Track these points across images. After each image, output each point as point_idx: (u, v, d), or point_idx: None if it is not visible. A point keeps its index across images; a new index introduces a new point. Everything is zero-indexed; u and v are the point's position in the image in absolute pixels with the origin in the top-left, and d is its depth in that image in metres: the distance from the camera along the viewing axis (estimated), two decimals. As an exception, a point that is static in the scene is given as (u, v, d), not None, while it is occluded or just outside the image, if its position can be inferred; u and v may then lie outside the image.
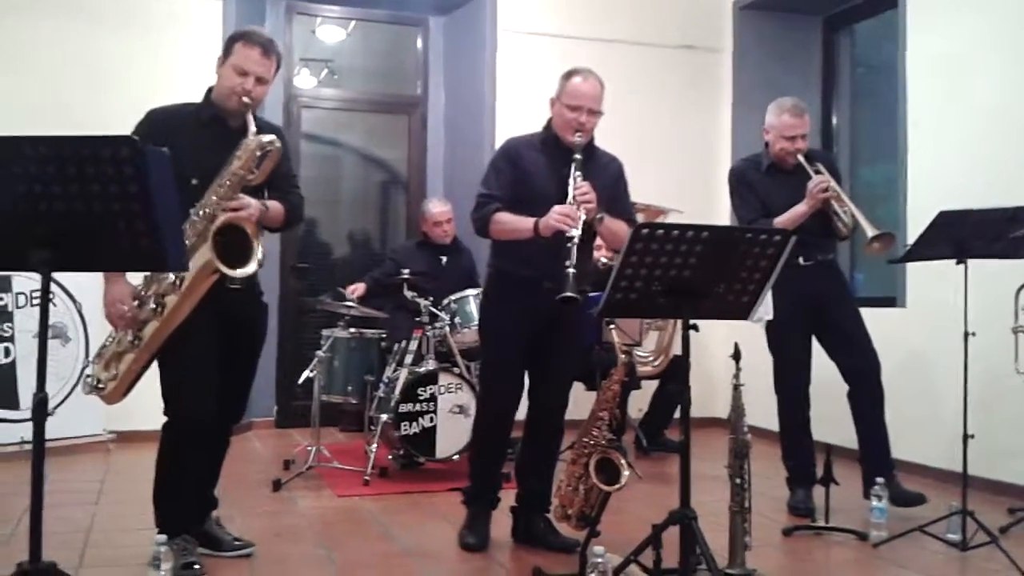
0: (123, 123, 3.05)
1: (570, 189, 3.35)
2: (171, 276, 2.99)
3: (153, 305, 3.03)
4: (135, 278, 3.11)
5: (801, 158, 4.21)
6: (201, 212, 3.00)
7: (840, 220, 4.17)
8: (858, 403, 4.25)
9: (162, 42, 6.00)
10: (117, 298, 3.06)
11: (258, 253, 3.01)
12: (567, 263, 3.20)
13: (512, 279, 3.56)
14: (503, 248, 3.59)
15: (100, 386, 3.15)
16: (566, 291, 3.18)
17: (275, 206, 3.22)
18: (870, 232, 4.03)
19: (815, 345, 4.32)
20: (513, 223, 3.45)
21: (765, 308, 4.06)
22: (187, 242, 2.94)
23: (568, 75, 3.58)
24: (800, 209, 4.12)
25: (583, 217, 3.30)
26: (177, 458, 3.22)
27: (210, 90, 3.26)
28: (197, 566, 3.11)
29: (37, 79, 5.68)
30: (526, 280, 3.49)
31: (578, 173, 3.38)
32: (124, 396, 3.17)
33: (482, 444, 3.75)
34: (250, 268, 3.02)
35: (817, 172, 4.17)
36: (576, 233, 3.26)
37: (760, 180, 4.32)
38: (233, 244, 3.00)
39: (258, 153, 3.04)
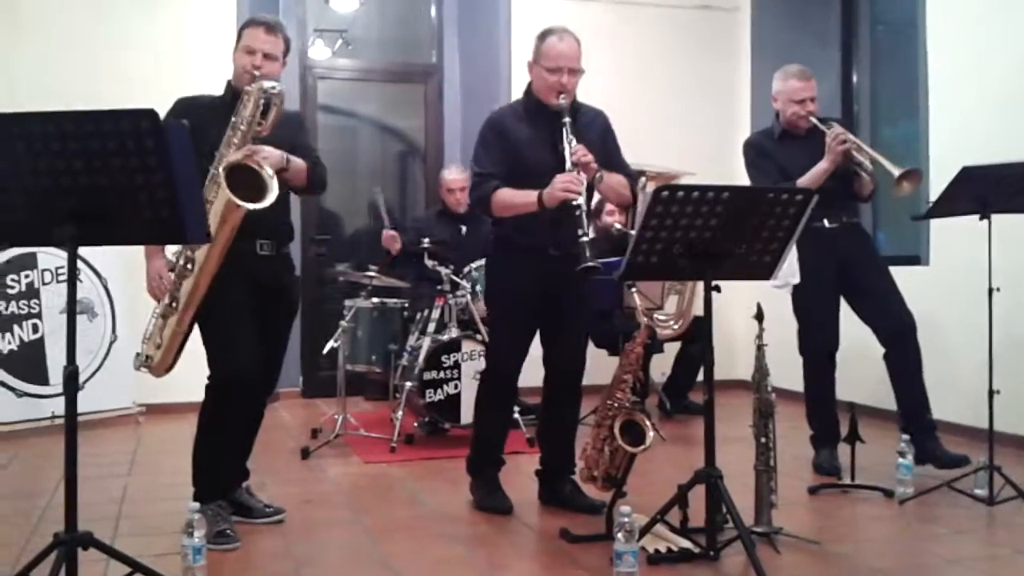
0: (145, 98, 3.08)
1: (566, 154, 3.32)
2: None
3: (184, 262, 3.12)
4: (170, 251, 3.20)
5: (814, 119, 4.17)
6: (218, 167, 3.06)
7: (863, 170, 4.09)
8: (896, 365, 4.22)
9: (180, 18, 6.01)
10: (158, 271, 3.16)
11: (272, 185, 3.04)
12: (580, 232, 3.19)
13: (516, 246, 3.55)
14: (505, 220, 3.55)
15: (148, 360, 3.23)
16: (584, 261, 3.17)
17: (298, 162, 3.28)
18: (896, 172, 3.94)
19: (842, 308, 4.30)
20: (516, 199, 3.42)
21: (791, 272, 4.07)
22: (211, 198, 3.03)
23: (543, 36, 3.50)
24: (822, 166, 4.08)
25: (584, 181, 3.29)
26: (220, 420, 3.28)
27: (229, 82, 3.36)
28: (230, 533, 3.17)
29: (60, 58, 5.71)
30: (530, 247, 3.49)
31: (571, 137, 3.34)
32: (171, 367, 3.25)
33: (489, 412, 3.74)
34: (267, 200, 3.04)
35: (829, 127, 4.11)
36: (582, 200, 3.27)
37: (775, 149, 4.28)
38: (250, 185, 3.03)
39: (262, 100, 3.11)
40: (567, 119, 3.37)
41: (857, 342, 4.32)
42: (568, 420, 3.75)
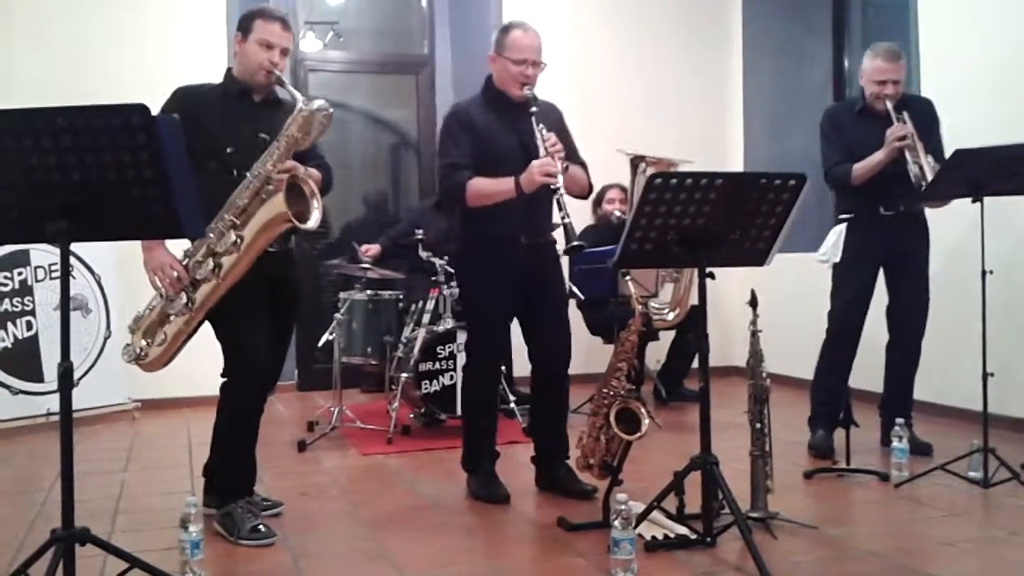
0: (137, 95, 3.07)
1: (539, 142, 3.37)
2: (232, 236, 3.04)
3: (211, 266, 3.07)
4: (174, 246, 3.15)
5: (889, 104, 4.10)
6: (256, 173, 3.06)
7: (910, 171, 4.02)
8: (893, 359, 4.29)
9: (170, 14, 5.99)
10: (165, 262, 3.08)
11: (317, 208, 3.08)
12: (562, 214, 3.25)
13: (488, 239, 3.56)
14: (477, 210, 3.53)
15: (142, 354, 3.18)
16: (571, 241, 3.22)
17: (315, 174, 3.28)
18: (925, 185, 3.94)
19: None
20: (491, 186, 3.44)
21: (835, 250, 4.13)
22: (239, 203, 3.04)
23: (506, 29, 3.59)
24: (877, 157, 4.07)
25: (560, 167, 3.33)
26: (241, 416, 3.27)
27: (229, 70, 3.35)
28: (263, 528, 3.16)
29: (54, 55, 5.69)
30: (503, 238, 3.52)
31: (541, 126, 3.40)
32: (166, 364, 3.21)
33: (477, 408, 3.74)
34: (312, 222, 3.09)
35: (900, 120, 4.07)
36: (560, 183, 3.30)
37: (851, 123, 4.26)
38: (292, 202, 3.06)
39: (313, 121, 3.10)
40: (535, 108, 3.44)
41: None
42: (557, 409, 3.75)
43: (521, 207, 3.43)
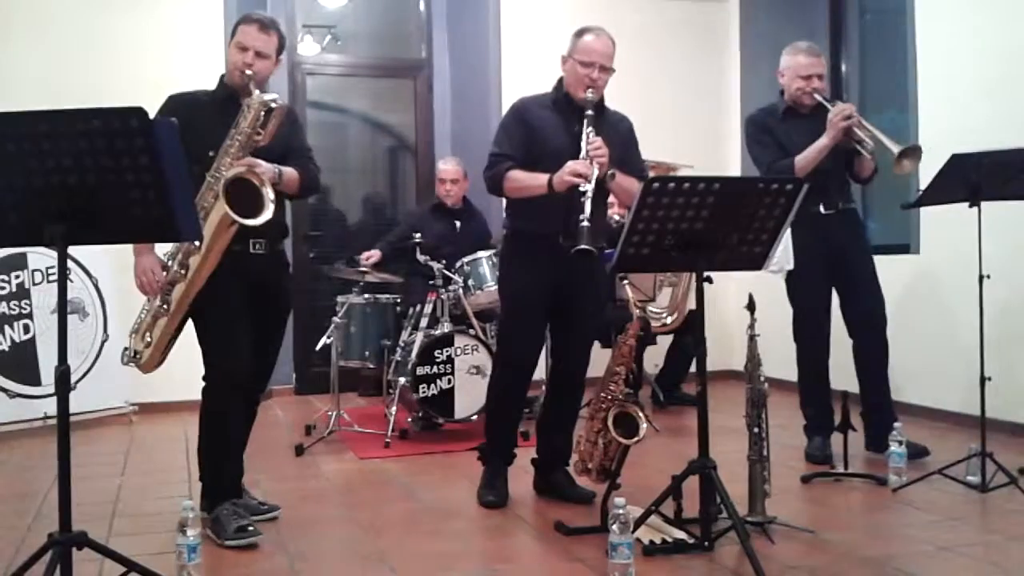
0: (134, 99, 3.08)
1: (583, 144, 3.36)
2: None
3: (178, 268, 3.14)
4: (161, 250, 3.20)
5: (819, 96, 4.14)
6: (216, 175, 3.08)
7: (864, 149, 4.04)
8: (861, 356, 4.26)
9: (168, 16, 5.99)
10: (148, 267, 3.15)
11: (270, 201, 3.06)
12: (580, 216, 3.22)
13: (528, 237, 3.57)
14: (518, 207, 3.59)
15: (137, 356, 3.24)
16: (580, 243, 3.19)
17: (289, 171, 3.29)
18: (896, 149, 3.93)
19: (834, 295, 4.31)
20: (527, 179, 3.47)
21: (786, 258, 4.10)
22: (205, 205, 3.05)
23: (580, 33, 3.59)
24: (822, 142, 4.05)
25: (596, 172, 3.30)
26: (221, 418, 3.28)
27: (223, 76, 3.37)
28: (251, 528, 3.16)
29: (51, 57, 5.68)
30: (542, 237, 3.51)
31: (590, 129, 3.39)
32: (159, 364, 3.27)
33: (500, 401, 3.77)
34: (263, 216, 3.07)
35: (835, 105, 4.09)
36: (589, 187, 3.27)
37: (777, 126, 4.27)
38: (247, 198, 3.05)
39: (262, 112, 3.11)
40: (590, 112, 3.44)
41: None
42: (569, 412, 3.77)
43: (559, 207, 3.41)
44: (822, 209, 4.15)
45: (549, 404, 3.82)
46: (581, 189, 3.27)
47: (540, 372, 3.77)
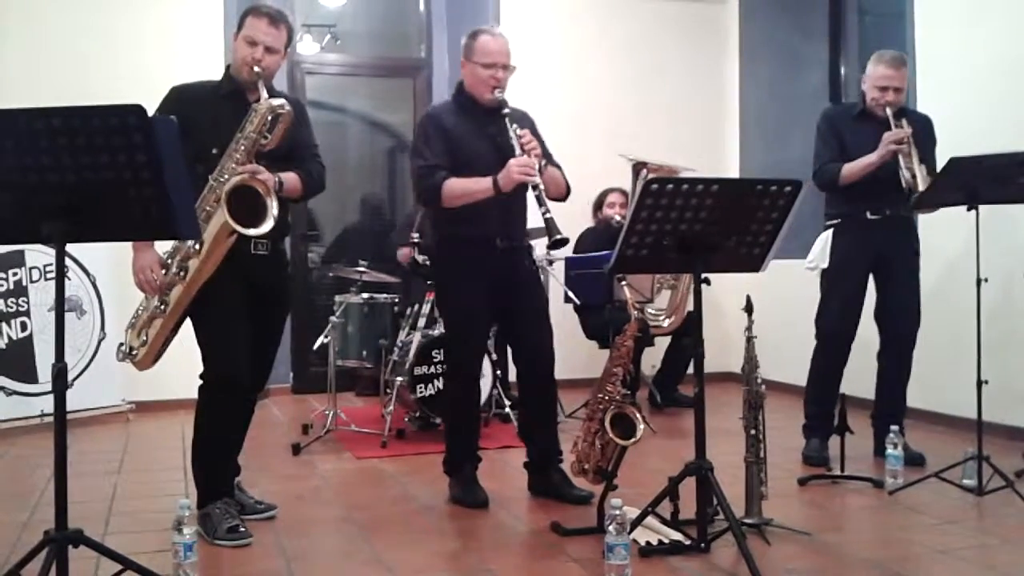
0: (133, 95, 3.08)
1: (514, 141, 3.39)
2: (191, 241, 3.04)
3: (176, 270, 3.11)
4: (161, 247, 3.18)
5: (889, 111, 4.10)
6: (220, 179, 3.05)
7: (902, 175, 4.02)
8: (886, 368, 4.28)
9: (167, 14, 5.98)
10: (146, 265, 3.11)
11: (272, 211, 3.05)
12: (543, 210, 3.25)
13: (464, 242, 3.56)
14: (451, 213, 3.53)
15: (133, 353, 3.22)
16: (554, 235, 3.22)
17: (290, 178, 3.25)
18: (918, 191, 3.95)
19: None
20: (469, 186, 3.45)
21: (822, 256, 4.13)
22: (207, 208, 3.03)
23: (475, 35, 3.60)
24: (870, 158, 4.05)
25: (538, 165, 3.35)
26: (217, 419, 3.27)
27: (228, 67, 3.33)
28: (242, 528, 3.16)
29: (50, 55, 5.67)
30: (479, 240, 3.52)
31: (515, 126, 3.42)
32: (155, 362, 3.25)
33: (459, 414, 3.75)
34: (264, 227, 3.06)
35: (898, 126, 4.07)
36: (539, 180, 3.32)
37: (848, 125, 4.26)
38: (249, 205, 3.04)
39: (269, 117, 3.08)
40: (508, 109, 3.47)
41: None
42: (545, 412, 3.75)
43: (496, 209, 3.44)
44: (868, 215, 4.15)
45: (525, 408, 3.81)
46: (532, 185, 3.30)
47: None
